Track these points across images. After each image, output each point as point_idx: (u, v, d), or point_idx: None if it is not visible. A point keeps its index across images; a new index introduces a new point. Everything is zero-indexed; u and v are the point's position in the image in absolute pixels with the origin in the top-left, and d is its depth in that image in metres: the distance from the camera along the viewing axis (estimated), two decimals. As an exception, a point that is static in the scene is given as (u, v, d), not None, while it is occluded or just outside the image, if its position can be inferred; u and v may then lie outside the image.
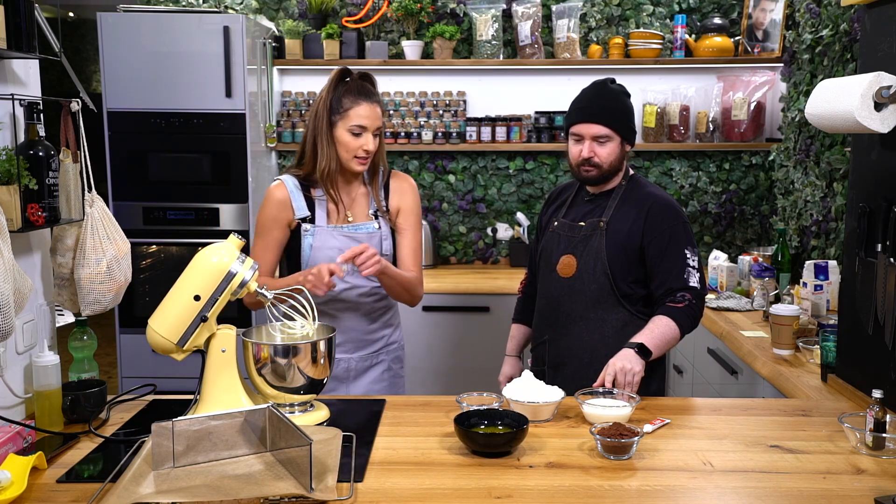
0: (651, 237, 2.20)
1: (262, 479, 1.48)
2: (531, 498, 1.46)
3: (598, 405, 1.82)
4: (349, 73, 2.19)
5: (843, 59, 3.04)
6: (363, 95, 2.14)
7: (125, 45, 3.50)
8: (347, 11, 4.05)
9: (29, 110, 1.81)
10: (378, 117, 2.16)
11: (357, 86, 2.16)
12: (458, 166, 4.16)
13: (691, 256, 2.19)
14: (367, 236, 2.22)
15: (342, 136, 2.15)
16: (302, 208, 2.21)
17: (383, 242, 2.25)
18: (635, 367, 2.00)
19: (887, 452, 1.66)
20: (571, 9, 3.89)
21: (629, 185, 2.29)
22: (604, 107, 2.21)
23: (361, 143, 2.14)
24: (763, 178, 4.08)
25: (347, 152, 2.16)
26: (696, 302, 2.16)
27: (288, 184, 2.22)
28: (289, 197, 2.21)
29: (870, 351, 1.99)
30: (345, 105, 2.13)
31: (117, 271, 1.96)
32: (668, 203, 2.24)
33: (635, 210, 2.22)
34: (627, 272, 2.21)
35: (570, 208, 2.35)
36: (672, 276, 2.17)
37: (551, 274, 2.30)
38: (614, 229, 2.22)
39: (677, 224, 2.21)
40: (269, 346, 1.80)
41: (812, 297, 2.79)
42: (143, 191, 3.62)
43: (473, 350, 3.62)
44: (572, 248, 2.27)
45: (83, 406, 1.83)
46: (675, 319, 2.12)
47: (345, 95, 2.14)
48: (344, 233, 2.22)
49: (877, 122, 1.83)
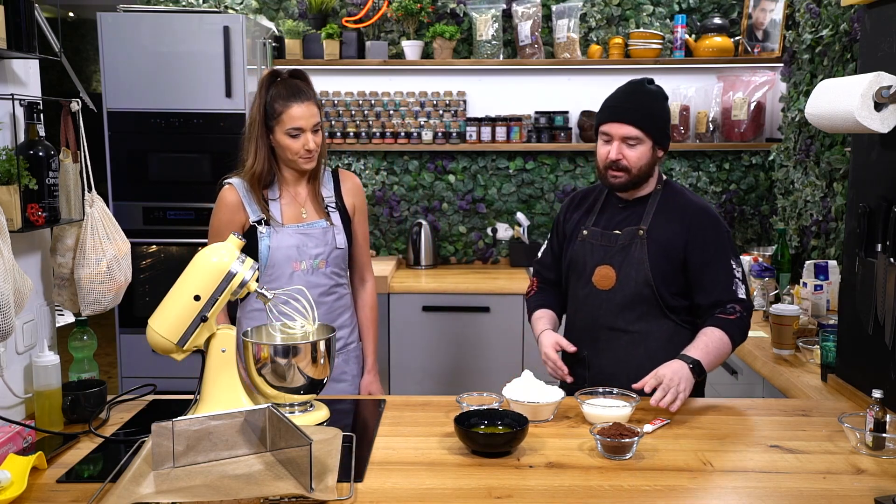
0: (694, 247, 2.08)
1: (262, 479, 1.48)
2: (531, 498, 1.46)
3: (598, 405, 1.82)
4: (278, 74, 2.18)
5: (843, 59, 3.04)
6: (294, 96, 2.13)
7: (125, 45, 3.50)
8: (347, 11, 4.05)
9: (29, 110, 1.81)
10: (313, 115, 2.15)
11: (287, 87, 2.14)
12: (458, 166, 4.16)
13: (737, 267, 2.08)
14: (321, 232, 2.24)
15: (282, 140, 2.15)
16: (255, 211, 2.20)
17: (337, 237, 2.26)
18: (683, 385, 1.87)
19: (887, 452, 1.66)
20: (571, 9, 3.89)
21: (665, 191, 2.16)
22: (636, 107, 2.07)
23: (302, 143, 2.15)
24: (763, 178, 4.08)
25: (292, 154, 2.16)
26: (746, 315, 2.05)
27: (239, 187, 2.21)
28: (240, 200, 2.20)
29: (870, 351, 1.99)
30: (277, 109, 2.12)
31: (117, 271, 1.96)
32: (710, 212, 2.13)
33: (676, 219, 2.11)
34: (671, 282, 2.09)
35: (601, 215, 2.20)
36: (720, 288, 2.06)
37: (586, 286, 2.16)
38: (655, 237, 2.09)
39: (721, 234, 2.10)
40: (269, 346, 1.80)
41: (812, 297, 2.79)
42: (143, 191, 3.62)
43: (473, 350, 3.62)
44: (609, 258, 2.13)
45: (83, 406, 1.83)
46: (728, 332, 2.00)
47: (276, 100, 2.13)
48: (299, 231, 2.22)
49: (877, 122, 1.83)
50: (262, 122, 2.15)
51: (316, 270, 2.23)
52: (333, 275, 2.27)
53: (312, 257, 2.22)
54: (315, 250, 2.22)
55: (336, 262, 2.27)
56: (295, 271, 2.20)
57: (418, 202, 4.19)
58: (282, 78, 2.17)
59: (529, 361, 3.57)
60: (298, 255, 2.20)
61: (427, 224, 4.08)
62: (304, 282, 2.17)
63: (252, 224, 2.20)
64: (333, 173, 2.35)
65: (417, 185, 4.18)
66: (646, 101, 2.09)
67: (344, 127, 4.00)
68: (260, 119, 2.15)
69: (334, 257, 2.26)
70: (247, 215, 2.20)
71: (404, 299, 3.61)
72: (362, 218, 2.37)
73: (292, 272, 2.20)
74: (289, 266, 2.20)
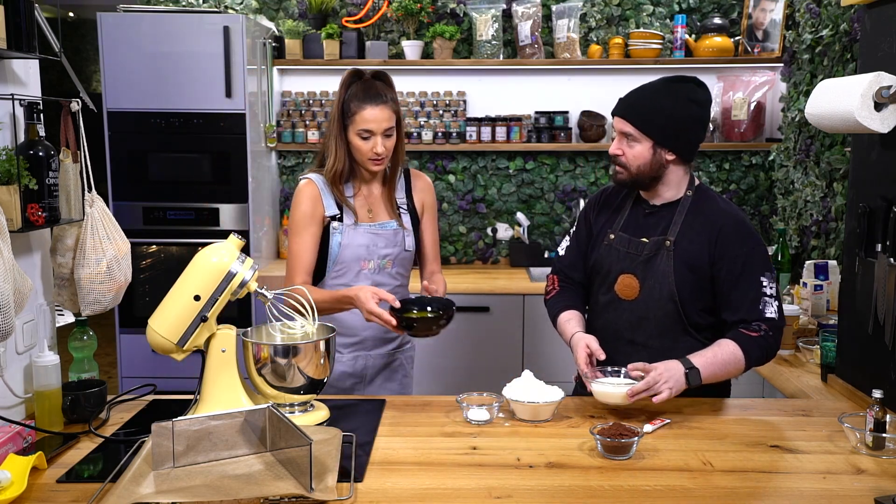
0: (722, 262, 1.95)
1: (262, 479, 1.48)
2: (531, 498, 1.46)
3: (608, 383, 1.84)
4: (360, 74, 2.19)
5: (843, 59, 3.04)
6: (369, 98, 2.13)
7: (125, 45, 3.50)
8: (347, 11, 4.05)
9: (29, 110, 1.81)
10: (387, 118, 2.14)
11: (365, 88, 2.15)
12: (458, 166, 4.16)
13: (768, 284, 1.94)
14: (392, 233, 2.25)
15: (354, 140, 2.16)
16: (332, 206, 2.22)
17: (406, 239, 2.28)
18: (669, 385, 1.81)
19: (887, 452, 1.66)
20: (571, 9, 3.89)
21: (696, 196, 2.02)
22: (637, 104, 1.98)
23: (371, 146, 2.14)
24: (763, 178, 4.08)
25: (361, 155, 2.17)
26: (773, 334, 1.92)
27: (317, 181, 2.23)
28: (319, 193, 2.21)
29: (870, 351, 1.99)
30: (352, 109, 2.14)
31: (117, 271, 1.96)
32: (742, 222, 1.98)
33: (706, 229, 1.97)
34: (697, 299, 1.97)
35: (629, 220, 2.08)
36: (745, 307, 1.93)
37: (608, 293, 2.07)
38: (682, 249, 1.97)
39: (753, 247, 1.95)
40: (269, 346, 1.80)
41: (812, 297, 2.79)
42: (143, 191, 3.62)
43: (473, 350, 3.62)
44: (633, 267, 2.02)
45: (83, 406, 1.83)
46: (744, 348, 1.89)
47: (353, 99, 2.14)
48: (370, 230, 2.23)
49: (877, 122, 1.83)
50: (339, 120, 2.16)
51: (382, 270, 2.25)
52: (398, 275, 2.29)
53: (381, 257, 2.24)
54: (384, 251, 2.24)
55: (402, 263, 2.29)
56: (362, 269, 2.23)
57: (418, 202, 4.19)
58: (363, 78, 2.17)
59: (529, 361, 3.58)
60: (367, 254, 2.22)
61: (427, 224, 4.08)
62: (369, 280, 2.22)
63: (327, 219, 2.21)
64: (405, 173, 2.35)
65: (417, 185, 4.17)
66: (654, 99, 1.98)
67: (344, 127, 4.00)
68: (338, 117, 2.16)
69: (401, 259, 2.28)
70: (324, 209, 2.21)
71: (404, 299, 3.60)
72: (431, 217, 2.37)
73: (360, 270, 2.22)
74: (357, 264, 2.22)
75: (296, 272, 2.20)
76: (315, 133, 3.99)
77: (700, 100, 2.00)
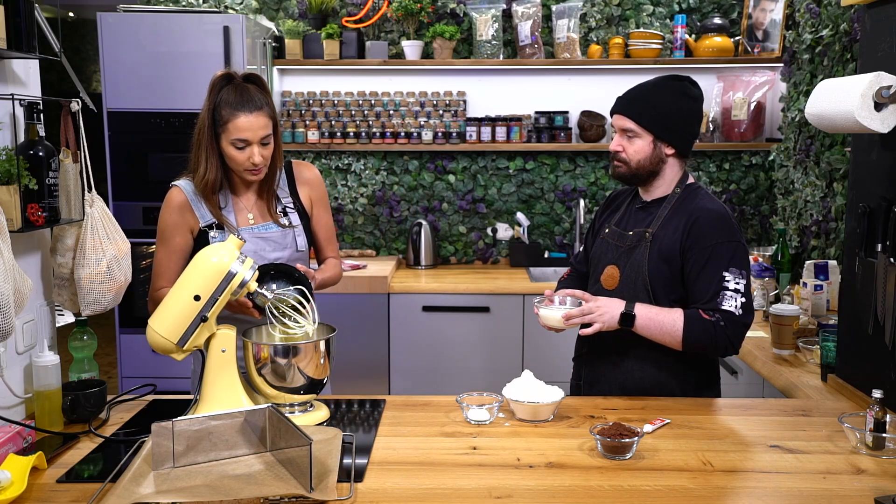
0: (691, 252, 1.98)
1: (262, 479, 1.48)
2: (531, 498, 1.46)
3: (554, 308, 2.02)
4: (231, 77, 2.02)
5: (843, 59, 3.04)
6: (243, 105, 1.97)
7: (125, 45, 3.50)
8: (347, 11, 4.05)
9: (29, 110, 1.81)
10: (263, 126, 1.98)
11: (237, 93, 1.98)
12: (458, 166, 4.16)
13: (732, 279, 1.94)
14: (279, 235, 2.13)
15: (228, 150, 2.01)
16: (206, 214, 2.07)
17: (297, 240, 2.15)
18: (601, 320, 1.96)
19: (887, 452, 1.66)
20: (571, 9, 3.89)
21: (683, 193, 2.07)
22: (637, 100, 2.03)
23: (247, 156, 1.99)
24: (763, 178, 4.08)
25: (236, 165, 2.02)
26: (726, 325, 1.91)
27: (186, 189, 2.07)
28: (188, 202, 2.06)
29: (870, 351, 1.99)
30: (224, 116, 1.97)
31: (117, 271, 1.96)
32: (717, 217, 2.00)
33: (682, 221, 2.02)
34: (670, 289, 2.02)
35: (623, 215, 2.17)
36: (705, 298, 1.95)
37: (595, 284, 2.15)
38: (659, 241, 2.03)
39: (724, 241, 1.97)
40: (269, 346, 1.80)
41: (812, 297, 2.79)
42: (143, 191, 3.62)
43: (473, 350, 3.62)
44: (617, 258, 2.10)
45: (83, 406, 1.83)
46: (687, 323, 1.93)
47: (224, 105, 1.98)
48: (255, 235, 2.10)
49: (877, 122, 1.83)
50: (210, 128, 2.00)
51: None
52: None
53: (271, 262, 2.07)
54: (273, 254, 2.11)
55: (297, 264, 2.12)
56: None
57: (418, 202, 4.19)
58: (234, 81, 2.01)
59: (529, 361, 3.58)
60: (257, 260, 2.03)
61: (427, 224, 4.08)
62: None
63: (202, 229, 2.07)
64: (286, 167, 2.21)
65: (417, 185, 4.18)
66: (653, 94, 2.03)
67: (344, 127, 4.00)
68: (208, 124, 2.00)
69: (295, 260, 2.12)
70: (196, 219, 2.07)
71: (404, 299, 3.61)
72: (321, 209, 2.24)
73: None
74: None
75: (159, 283, 2.09)
76: (315, 133, 3.99)
77: (695, 95, 2.08)
